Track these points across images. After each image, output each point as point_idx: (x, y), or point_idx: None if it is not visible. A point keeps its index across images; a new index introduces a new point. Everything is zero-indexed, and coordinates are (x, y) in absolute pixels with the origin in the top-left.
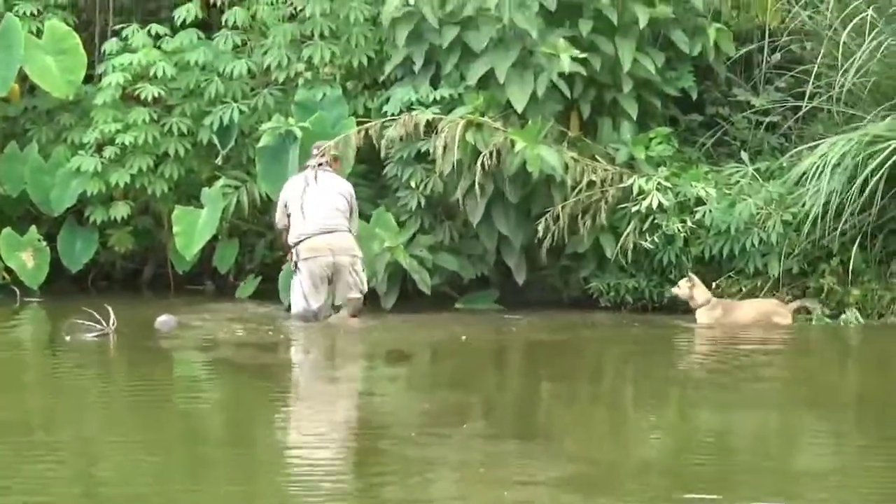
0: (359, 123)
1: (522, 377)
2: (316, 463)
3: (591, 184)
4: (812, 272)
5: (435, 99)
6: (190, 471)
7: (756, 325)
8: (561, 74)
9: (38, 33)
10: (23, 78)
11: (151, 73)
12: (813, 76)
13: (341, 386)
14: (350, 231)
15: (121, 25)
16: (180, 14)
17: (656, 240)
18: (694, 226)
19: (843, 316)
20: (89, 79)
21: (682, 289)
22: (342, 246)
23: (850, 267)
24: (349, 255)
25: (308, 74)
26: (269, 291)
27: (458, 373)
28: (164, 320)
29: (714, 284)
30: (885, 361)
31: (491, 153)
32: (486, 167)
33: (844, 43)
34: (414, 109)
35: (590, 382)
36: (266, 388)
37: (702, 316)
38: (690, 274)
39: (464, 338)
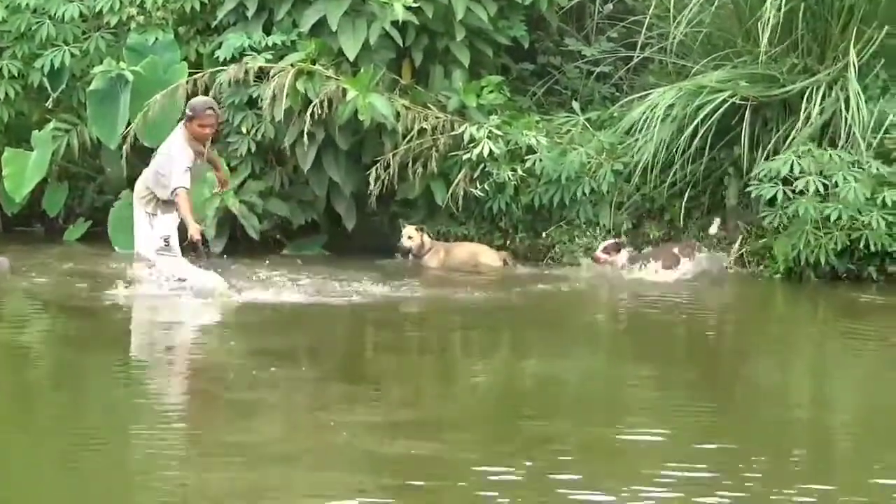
0: (191, 68)
1: None
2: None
3: (422, 131)
4: (640, 224)
5: (267, 45)
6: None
7: (466, 265)
8: (394, 23)
9: None
10: None
11: None
12: (644, 27)
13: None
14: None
15: None
16: None
17: (487, 188)
18: (524, 174)
19: None
20: None
21: (413, 239)
22: None
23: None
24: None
25: (140, 18)
26: (98, 234)
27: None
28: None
29: (545, 234)
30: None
31: (322, 101)
32: (317, 115)
33: None
34: (246, 55)
35: None
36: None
37: (431, 260)
38: (406, 225)
39: None
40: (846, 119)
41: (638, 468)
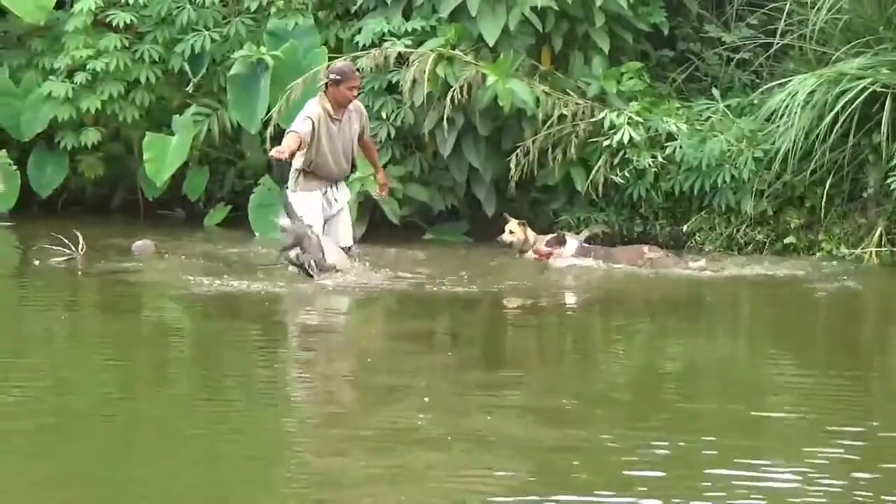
0: (330, 53)
1: None
2: None
3: (562, 117)
4: (780, 211)
5: (407, 31)
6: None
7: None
8: (533, 8)
9: None
10: None
11: (123, 0)
12: (784, 13)
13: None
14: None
15: None
16: None
17: (626, 174)
18: (665, 161)
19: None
20: (60, 5)
21: (515, 234)
22: None
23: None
24: None
25: (280, 3)
26: (238, 219)
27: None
28: (140, 245)
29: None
30: None
31: (461, 87)
32: (457, 101)
33: None
34: (386, 40)
35: None
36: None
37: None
38: (511, 219)
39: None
40: None
41: (786, 446)
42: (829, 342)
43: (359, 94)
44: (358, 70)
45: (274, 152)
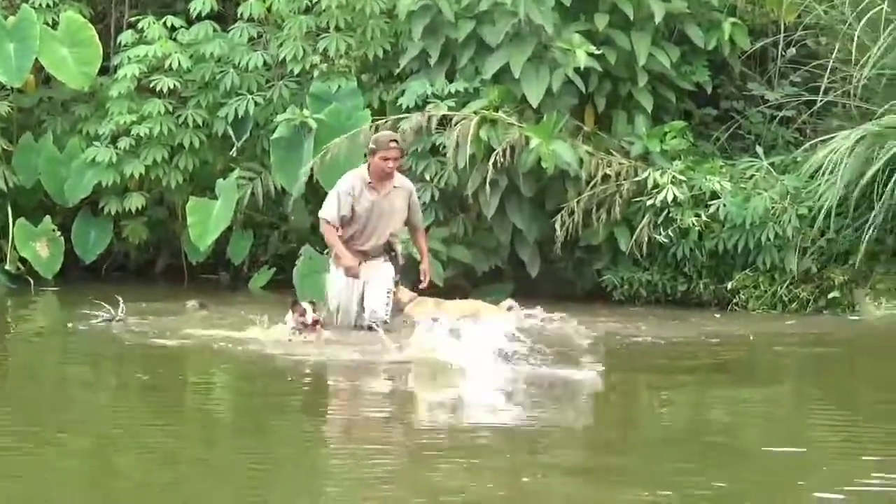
0: (374, 115)
1: None
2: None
3: (605, 177)
4: (824, 268)
5: (450, 92)
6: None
7: None
8: (576, 69)
9: (54, 24)
10: (38, 69)
11: (167, 65)
12: (828, 71)
13: None
14: None
15: (136, 17)
16: (196, 6)
17: (670, 233)
18: (708, 219)
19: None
20: (104, 70)
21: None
22: None
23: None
24: None
25: (323, 66)
26: (282, 283)
27: None
28: (193, 304)
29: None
30: None
31: (505, 149)
32: (500, 163)
33: (859, 37)
34: (429, 102)
35: None
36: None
37: None
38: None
39: None
40: None
41: None
42: None
43: (397, 166)
44: (394, 141)
45: (347, 268)
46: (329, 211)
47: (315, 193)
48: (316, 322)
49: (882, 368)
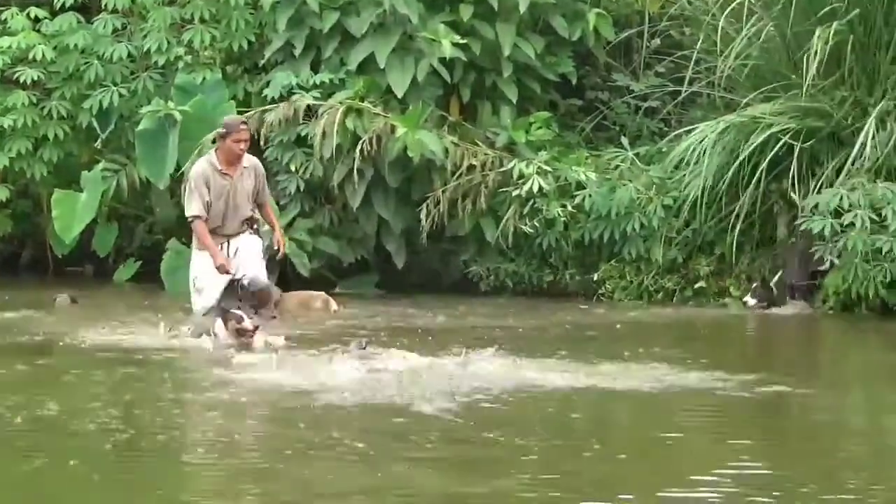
0: (239, 107)
1: None
2: None
3: (471, 168)
4: (690, 258)
5: (315, 83)
6: None
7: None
8: (441, 59)
9: None
10: None
11: (30, 57)
12: (692, 61)
13: None
14: None
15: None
16: None
17: (536, 224)
18: (574, 210)
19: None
20: None
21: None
22: None
23: (729, 253)
24: None
25: (188, 58)
26: (148, 275)
27: None
28: (63, 298)
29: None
30: None
31: (371, 139)
32: (366, 153)
33: (723, 28)
34: (294, 93)
35: None
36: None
37: None
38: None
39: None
40: None
41: None
42: None
43: (247, 146)
44: (244, 123)
45: (219, 266)
46: (194, 207)
47: (181, 185)
48: (256, 328)
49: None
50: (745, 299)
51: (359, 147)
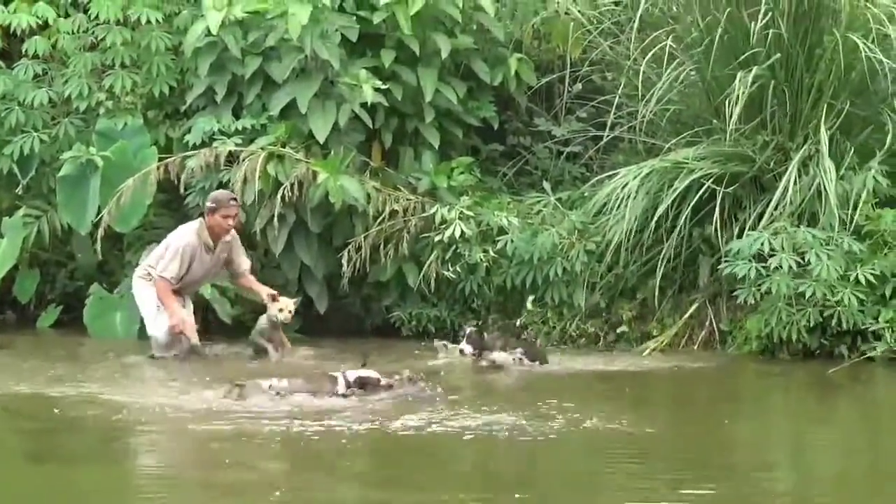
0: (160, 153)
1: None
2: None
3: (393, 213)
4: (612, 303)
5: (237, 129)
6: None
7: None
8: (363, 105)
9: None
10: None
11: None
12: (614, 106)
13: None
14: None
15: None
16: None
17: (458, 269)
18: (496, 255)
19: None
20: None
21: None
22: None
23: (651, 297)
24: None
25: (109, 104)
26: (71, 321)
27: None
28: None
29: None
30: None
31: (292, 184)
32: (288, 198)
33: (644, 73)
34: (216, 139)
35: None
36: None
37: None
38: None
39: None
40: (821, 194)
41: None
42: None
43: (235, 222)
44: (234, 199)
45: (173, 326)
46: (171, 270)
47: (105, 234)
48: None
49: None
50: (461, 347)
51: (280, 193)
